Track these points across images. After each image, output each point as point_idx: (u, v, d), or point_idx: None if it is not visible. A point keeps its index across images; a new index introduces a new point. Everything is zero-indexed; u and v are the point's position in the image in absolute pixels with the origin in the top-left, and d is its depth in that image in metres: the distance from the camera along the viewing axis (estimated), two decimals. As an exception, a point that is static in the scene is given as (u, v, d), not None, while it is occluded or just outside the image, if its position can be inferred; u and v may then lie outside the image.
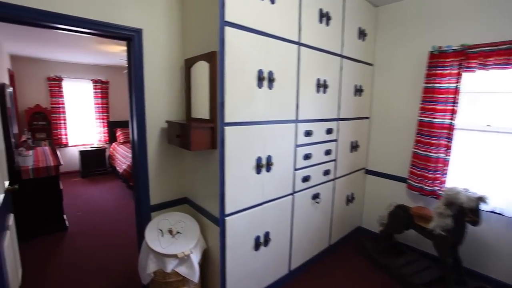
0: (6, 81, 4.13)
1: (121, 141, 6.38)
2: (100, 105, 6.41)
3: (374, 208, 3.38)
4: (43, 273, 2.68)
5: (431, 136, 2.65)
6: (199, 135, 1.71)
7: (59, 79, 5.84)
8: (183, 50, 2.17)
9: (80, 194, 5.00)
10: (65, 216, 3.64)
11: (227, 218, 1.88)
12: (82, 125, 6.38)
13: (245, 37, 1.82)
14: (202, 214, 2.11)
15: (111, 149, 6.48)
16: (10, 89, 4.00)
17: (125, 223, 3.78)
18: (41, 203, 3.39)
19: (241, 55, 1.82)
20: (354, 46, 2.86)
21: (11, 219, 2.23)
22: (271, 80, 2.01)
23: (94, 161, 6.16)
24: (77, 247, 3.18)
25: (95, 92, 6.33)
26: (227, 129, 1.79)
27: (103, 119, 6.49)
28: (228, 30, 1.72)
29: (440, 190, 2.64)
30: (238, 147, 1.88)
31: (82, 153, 6.01)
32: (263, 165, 2.05)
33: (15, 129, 4.20)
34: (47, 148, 4.53)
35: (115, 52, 4.56)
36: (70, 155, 6.23)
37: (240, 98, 1.85)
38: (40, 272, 2.68)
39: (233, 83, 1.79)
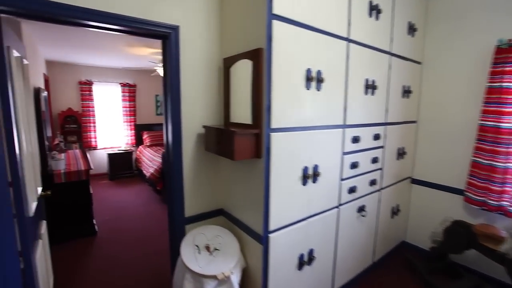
0: (42, 85, 4.20)
1: (148, 144, 6.39)
2: (128, 108, 6.46)
3: (421, 222, 3.05)
4: (73, 280, 2.60)
5: (497, 143, 2.32)
6: (243, 142, 1.52)
7: (90, 83, 5.94)
8: (221, 49, 2.00)
9: (108, 197, 5.00)
10: (94, 221, 3.60)
11: (271, 235, 1.68)
12: (110, 128, 6.46)
13: (293, 32, 1.62)
14: (240, 228, 1.92)
15: (137, 152, 6.50)
16: (45, 93, 4.05)
17: (154, 231, 3.68)
18: (72, 207, 3.36)
19: (289, 53, 1.62)
20: (403, 42, 2.58)
21: (43, 227, 2.17)
22: (319, 80, 1.80)
23: (122, 164, 6.20)
24: (106, 253, 3.10)
25: (123, 96, 6.38)
26: (274, 135, 1.59)
27: (130, 122, 6.54)
28: (276, 24, 1.53)
29: (511, 206, 2.29)
30: (285, 156, 1.67)
31: (110, 156, 6.06)
32: (310, 175, 1.84)
33: (48, 132, 4.26)
34: (78, 151, 4.57)
35: (144, 55, 4.53)
36: (99, 157, 6.31)
37: (287, 101, 1.65)
38: (70, 280, 2.61)
39: (280, 84, 1.60)
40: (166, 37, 1.76)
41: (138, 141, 6.65)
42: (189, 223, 1.96)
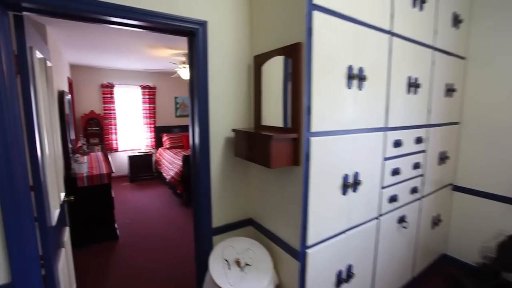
0: (66, 88, 4.23)
1: (167, 146, 6.36)
2: (148, 111, 6.47)
3: (464, 233, 2.78)
4: (95, 286, 2.54)
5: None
6: (280, 148, 1.37)
7: (111, 86, 5.99)
8: (251, 46, 1.85)
9: (128, 200, 4.98)
10: (116, 225, 3.55)
11: (309, 251, 1.51)
12: (131, 131, 6.48)
13: (334, 25, 1.45)
14: (273, 240, 1.76)
15: (157, 154, 6.49)
16: (69, 96, 4.07)
17: (176, 237, 3.59)
18: (94, 211, 3.32)
19: (330, 47, 1.45)
20: (447, 35, 2.34)
21: (66, 234, 2.10)
22: (361, 78, 1.61)
23: (142, 166, 6.20)
24: (128, 260, 3.02)
25: (143, 98, 6.40)
26: (314, 140, 1.42)
27: (150, 124, 6.54)
28: (316, 15, 1.36)
29: None
30: (324, 163, 1.50)
31: (131, 158, 6.08)
32: (350, 184, 1.65)
33: (72, 135, 4.28)
34: (99, 154, 4.57)
35: (165, 57, 4.47)
36: (120, 160, 6.34)
37: (328, 102, 1.48)
38: (92, 286, 2.54)
39: (321, 83, 1.43)
40: (193, 34, 1.63)
41: (158, 143, 6.64)
42: (217, 234, 1.82)
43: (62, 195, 2.08)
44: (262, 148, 1.41)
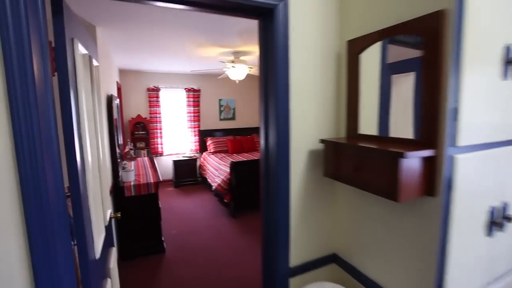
0: (115, 93, 4.16)
1: (211, 150, 6.15)
2: (192, 114, 6.32)
3: None
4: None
5: None
6: (412, 171, 0.90)
7: (157, 89, 5.93)
8: (342, 27, 1.40)
9: (174, 207, 4.81)
10: (163, 238, 3.32)
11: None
12: (176, 134, 6.39)
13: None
14: (370, 290, 1.29)
15: (201, 159, 6.31)
16: (117, 101, 3.98)
17: (225, 253, 3.26)
18: (140, 222, 3.11)
19: (485, 19, 0.95)
20: None
21: (113, 258, 1.83)
22: (520, 64, 1.08)
23: (186, 171, 6.05)
24: (175, 275, 2.75)
25: (188, 101, 6.26)
26: (461, 158, 0.94)
27: (194, 127, 6.39)
28: (472, -34, 0.88)
29: None
30: (470, 191, 1.00)
31: (176, 162, 5.95)
32: (498, 221, 1.12)
33: (120, 140, 4.20)
34: (146, 159, 4.44)
35: (212, 57, 4.21)
36: (164, 164, 6.27)
37: (481, 100, 0.98)
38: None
39: (472, 72, 0.93)
40: (269, 13, 1.23)
41: (202, 147, 6.47)
42: (295, 275, 1.40)
43: (109, 212, 1.82)
44: (383, 171, 0.95)
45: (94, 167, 1.42)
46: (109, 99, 3.11)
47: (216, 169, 5.10)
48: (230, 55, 3.95)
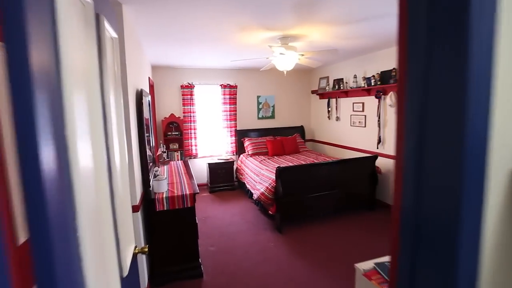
0: (146, 88, 3.71)
1: (250, 153, 5.55)
2: (228, 112, 5.78)
3: None
4: None
5: None
6: None
7: (191, 86, 5.47)
8: None
9: (210, 216, 4.27)
10: (200, 260, 2.76)
11: None
12: (210, 135, 5.90)
13: None
14: None
15: (238, 162, 5.75)
16: (149, 98, 3.52)
17: (275, 282, 2.61)
18: (174, 241, 2.58)
19: None
20: None
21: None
22: None
23: (222, 175, 5.52)
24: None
25: (223, 98, 5.73)
26: None
27: (230, 127, 5.85)
28: None
29: None
30: None
31: (211, 166, 5.45)
32: None
33: (152, 142, 3.76)
34: (180, 164, 3.95)
35: (256, 44, 3.59)
36: (199, 167, 5.80)
37: None
38: None
39: None
40: None
41: (239, 149, 5.91)
42: None
43: (131, 248, 1.26)
44: None
45: (99, 183, 0.84)
46: (139, 95, 2.61)
47: (257, 174, 4.49)
48: (277, 41, 3.31)
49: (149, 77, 4.29)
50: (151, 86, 4.98)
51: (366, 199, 4.24)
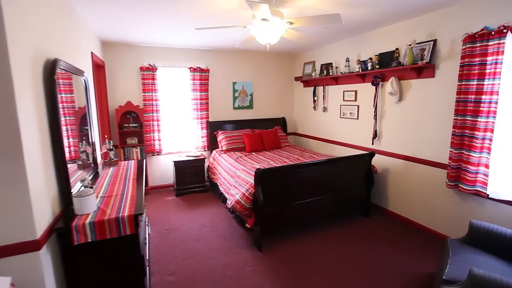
0: (82, 65, 2.77)
1: (224, 148, 4.74)
2: (199, 101, 4.91)
3: None
4: None
5: None
6: None
7: (153, 69, 4.52)
8: None
9: (172, 228, 3.45)
10: (150, 305, 1.96)
11: None
12: (178, 127, 5.00)
13: None
14: None
15: (210, 159, 4.93)
16: (84, 78, 2.60)
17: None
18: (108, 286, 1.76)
19: None
20: None
21: None
22: None
23: (191, 175, 4.68)
24: None
25: (193, 84, 4.84)
26: None
27: (201, 119, 4.99)
28: None
29: None
30: None
31: (177, 164, 4.58)
32: None
33: (94, 137, 2.85)
34: (132, 164, 3.08)
35: (230, 10, 2.76)
36: (163, 166, 4.91)
37: None
38: None
39: None
40: None
41: (211, 144, 5.07)
42: None
43: None
44: None
45: None
46: (50, 67, 1.72)
47: (232, 175, 3.71)
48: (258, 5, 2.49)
49: (92, 53, 3.32)
50: (99, 66, 4.00)
51: (360, 203, 3.62)
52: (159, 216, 3.82)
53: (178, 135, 5.01)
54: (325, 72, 4.59)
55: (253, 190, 2.90)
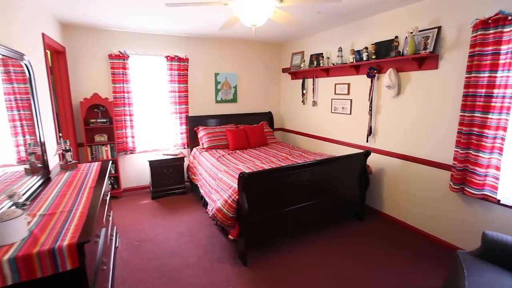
0: (20, 46, 2.27)
1: (205, 146, 4.32)
2: (177, 93, 4.44)
3: None
4: None
5: None
6: None
7: (124, 57, 4.00)
8: None
9: (146, 239, 3.02)
10: None
11: None
12: (153, 123, 4.52)
13: None
14: None
15: (190, 158, 4.50)
16: (26, 62, 2.10)
17: None
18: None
19: None
20: None
21: None
22: None
23: (169, 175, 4.24)
24: None
25: (171, 75, 4.36)
26: None
27: (180, 113, 4.53)
28: None
29: None
30: None
31: (153, 164, 4.12)
32: None
33: (43, 136, 2.36)
34: (94, 168, 2.61)
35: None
36: (138, 165, 4.44)
37: None
38: None
39: None
40: None
41: (191, 141, 4.63)
42: None
43: None
44: None
45: None
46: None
47: (213, 177, 3.31)
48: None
49: (44, 34, 2.79)
50: (58, 52, 3.46)
51: (354, 206, 3.32)
52: (131, 224, 3.38)
53: (154, 131, 4.53)
54: (315, 63, 4.24)
55: (237, 197, 2.52)
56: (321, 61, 4.10)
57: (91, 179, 2.28)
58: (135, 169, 4.44)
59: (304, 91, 4.67)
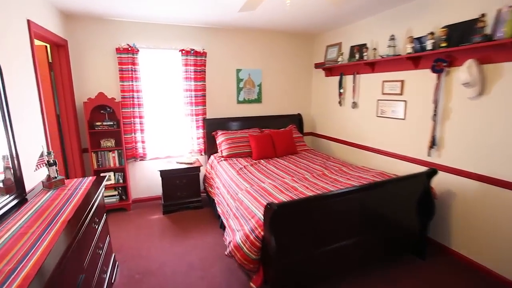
0: (9, 41, 1.77)
1: (225, 154, 3.72)
2: (193, 93, 3.88)
3: None
4: None
5: None
6: None
7: (133, 51, 3.49)
8: None
9: (150, 271, 2.47)
10: None
11: None
12: (166, 126, 4.00)
13: None
14: None
15: (207, 166, 3.92)
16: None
17: None
18: None
19: None
20: None
21: None
22: None
23: (183, 187, 3.69)
24: None
25: (186, 71, 3.81)
26: None
27: (197, 115, 3.96)
28: None
29: None
30: None
31: (165, 174, 3.59)
32: None
33: (20, 145, 1.86)
34: (86, 184, 2.08)
35: None
36: (149, 174, 3.94)
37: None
38: None
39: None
40: None
41: (209, 147, 4.06)
42: None
43: None
44: None
45: None
46: None
47: (232, 195, 2.70)
48: None
49: (29, 21, 2.30)
50: (57, 45, 3.01)
51: (413, 240, 2.57)
52: (136, 247, 2.86)
53: (167, 136, 4.00)
54: (357, 56, 3.49)
55: (262, 232, 1.88)
56: (365, 54, 3.35)
57: (72, 204, 1.74)
58: (146, 178, 3.94)
59: (342, 90, 3.93)
